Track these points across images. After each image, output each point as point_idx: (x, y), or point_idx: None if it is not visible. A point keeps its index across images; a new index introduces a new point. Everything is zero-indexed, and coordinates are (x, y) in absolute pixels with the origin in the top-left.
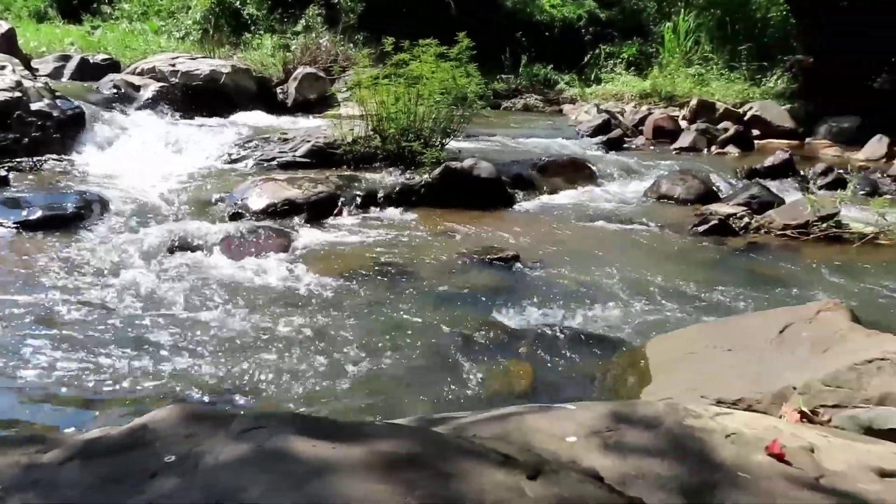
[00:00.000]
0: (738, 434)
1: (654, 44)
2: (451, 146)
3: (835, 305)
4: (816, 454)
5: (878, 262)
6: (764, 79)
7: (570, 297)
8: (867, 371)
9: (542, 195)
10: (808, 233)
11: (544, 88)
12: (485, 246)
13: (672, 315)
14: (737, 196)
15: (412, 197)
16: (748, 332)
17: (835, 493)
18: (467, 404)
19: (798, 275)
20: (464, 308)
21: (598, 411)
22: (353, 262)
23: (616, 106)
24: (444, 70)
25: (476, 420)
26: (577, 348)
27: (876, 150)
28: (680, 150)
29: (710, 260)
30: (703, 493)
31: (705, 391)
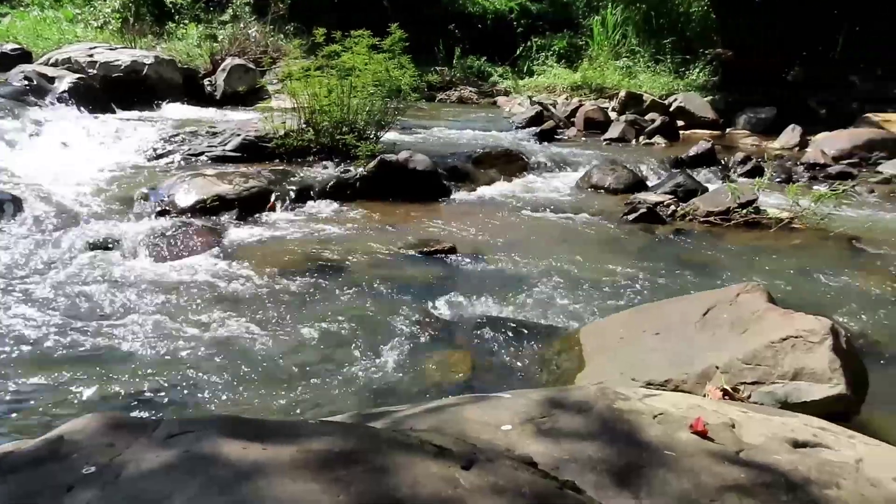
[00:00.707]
0: (664, 414)
1: (583, 37)
2: (386, 139)
3: (753, 288)
4: (737, 429)
5: (792, 246)
6: (687, 71)
7: (506, 287)
8: (782, 349)
9: (477, 187)
10: (730, 219)
11: (478, 81)
12: (421, 238)
13: (605, 301)
14: (663, 185)
15: (347, 191)
16: (675, 315)
17: (753, 466)
18: (405, 397)
19: (720, 259)
20: (401, 301)
21: (533, 398)
22: (287, 257)
23: (548, 98)
24: (377, 62)
25: (412, 413)
26: (513, 337)
27: (790, 139)
28: (610, 140)
29: (639, 247)
30: (631, 473)
31: (636, 374)
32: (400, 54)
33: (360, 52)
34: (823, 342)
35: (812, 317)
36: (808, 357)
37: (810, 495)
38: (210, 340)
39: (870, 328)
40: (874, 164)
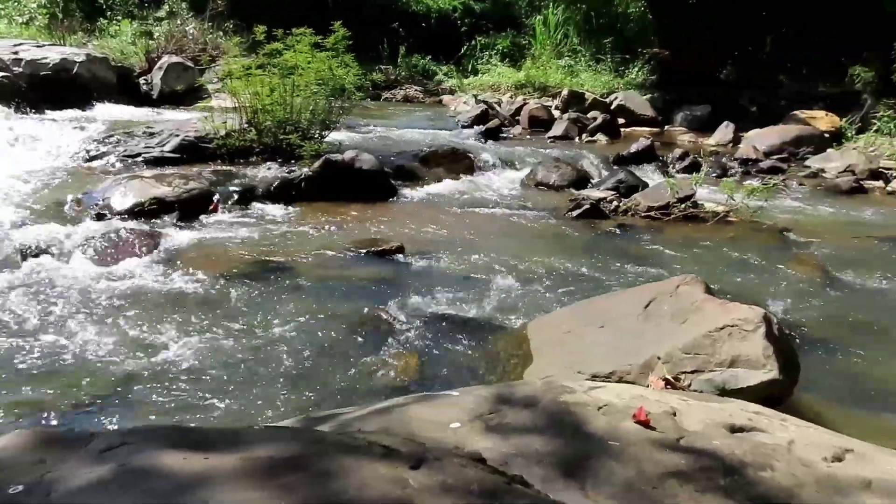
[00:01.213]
0: (609, 405)
1: (526, 36)
2: (331, 138)
3: (691, 279)
4: (677, 417)
5: (728, 238)
6: (627, 70)
7: (454, 285)
8: (719, 337)
9: (424, 185)
10: (669, 213)
11: (424, 79)
12: (368, 238)
13: (551, 296)
14: (606, 181)
15: (292, 191)
16: (618, 308)
17: (692, 452)
18: (354, 399)
19: (661, 252)
20: (348, 302)
21: (481, 395)
22: (230, 260)
23: (493, 97)
24: (320, 60)
25: (360, 415)
26: (462, 334)
27: (724, 135)
28: (554, 138)
29: (584, 242)
30: (578, 464)
31: (581, 367)
32: (343, 53)
33: (302, 51)
34: (757, 330)
35: (746, 306)
36: (744, 345)
37: (746, 478)
38: (150, 348)
39: (800, 315)
40: (802, 158)
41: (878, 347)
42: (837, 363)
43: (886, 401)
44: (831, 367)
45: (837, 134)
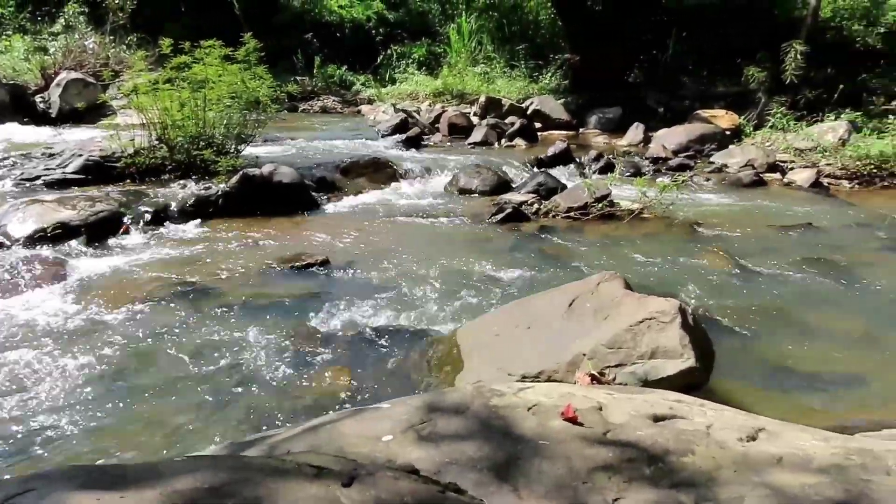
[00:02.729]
0: (538, 405)
1: (441, 44)
2: (247, 152)
3: (611, 276)
4: (604, 411)
5: (643, 234)
6: (540, 76)
7: (382, 295)
8: (639, 331)
9: (347, 196)
10: (588, 213)
11: (341, 90)
12: (292, 253)
13: (479, 301)
14: (526, 185)
15: (209, 208)
16: (544, 308)
17: (618, 444)
18: (284, 420)
19: (582, 251)
20: (274, 319)
21: (412, 405)
22: (145, 284)
23: (412, 105)
24: (231, 73)
25: (289, 436)
26: (393, 345)
27: (635, 136)
28: (474, 144)
29: (508, 245)
30: (509, 466)
31: (511, 369)
32: (256, 64)
33: (212, 63)
34: (674, 321)
35: (663, 299)
36: (662, 336)
37: (669, 464)
38: (61, 384)
39: (712, 304)
40: (707, 155)
41: (783, 330)
42: (748, 347)
43: (793, 379)
44: (743, 352)
45: (737, 131)
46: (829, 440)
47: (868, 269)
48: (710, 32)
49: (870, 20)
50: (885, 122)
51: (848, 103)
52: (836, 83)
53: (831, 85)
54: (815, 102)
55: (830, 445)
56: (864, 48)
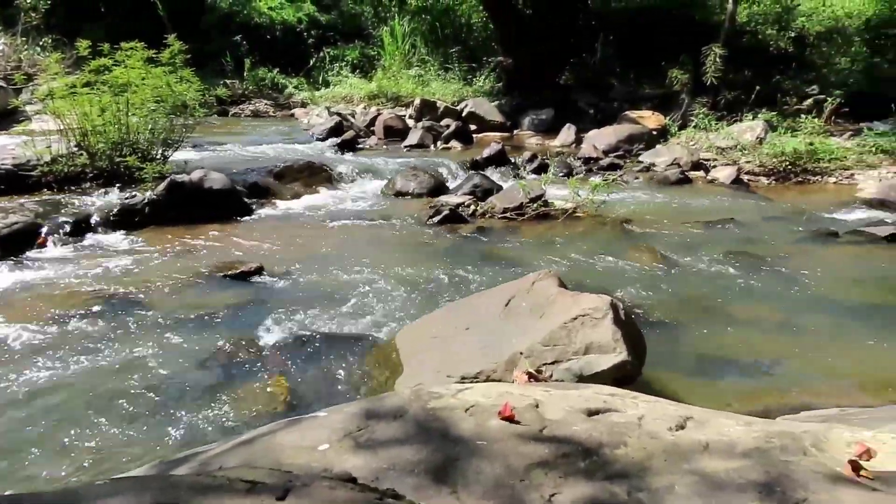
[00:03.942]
0: (476, 405)
1: (375, 47)
2: (175, 158)
3: (545, 275)
4: (540, 408)
5: (577, 233)
6: (474, 78)
7: (320, 302)
8: (574, 327)
9: (281, 202)
10: (524, 213)
11: (273, 93)
12: (225, 261)
13: (418, 303)
14: (463, 187)
15: (135, 217)
16: (481, 309)
17: (554, 440)
18: (219, 434)
19: (518, 251)
20: (207, 331)
21: (350, 412)
22: (66, 299)
23: (346, 108)
24: (155, 76)
25: (222, 450)
26: (332, 352)
27: (567, 137)
28: (410, 147)
29: (446, 247)
30: (448, 469)
31: (450, 371)
32: (182, 67)
33: (134, 66)
34: (606, 317)
35: (595, 295)
36: (595, 332)
37: (603, 457)
38: None
39: (643, 298)
40: (636, 154)
41: (709, 320)
42: (678, 339)
43: (720, 367)
44: (673, 343)
45: (663, 131)
46: (751, 425)
47: (785, 260)
48: (636, 36)
49: (782, 25)
50: (798, 122)
51: (764, 104)
52: (753, 85)
53: (748, 86)
54: (734, 103)
55: (752, 430)
56: (778, 51)
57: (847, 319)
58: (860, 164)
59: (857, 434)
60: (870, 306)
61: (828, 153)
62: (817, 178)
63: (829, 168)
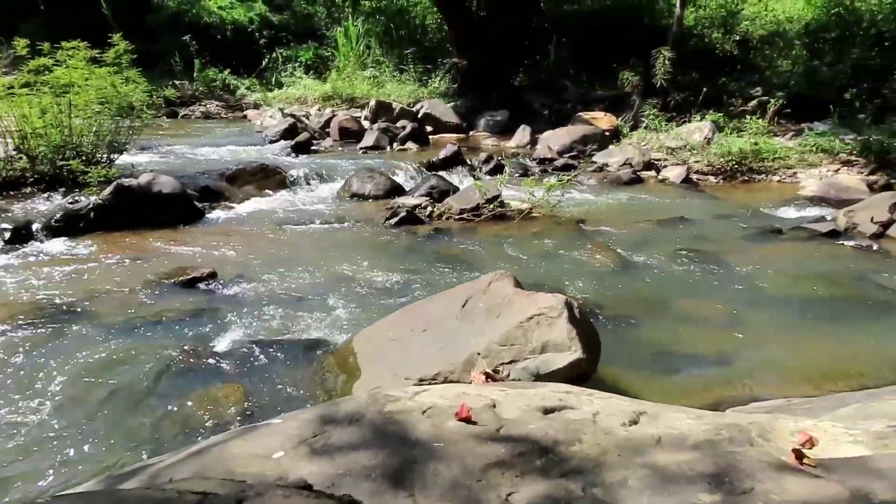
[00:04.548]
0: (433, 407)
1: (329, 48)
2: (122, 162)
3: (501, 275)
4: (497, 408)
5: (533, 232)
6: (430, 80)
7: (275, 306)
8: (530, 327)
9: (234, 205)
10: (480, 214)
11: (224, 94)
12: (176, 267)
13: (376, 306)
14: (419, 188)
15: (80, 223)
16: (438, 310)
17: (511, 440)
18: (170, 445)
19: (475, 251)
20: (158, 338)
21: (305, 418)
22: (6, 309)
23: (301, 109)
24: (99, 77)
25: (172, 462)
26: (288, 357)
27: (522, 138)
28: (366, 149)
29: (403, 249)
30: (405, 472)
31: (408, 373)
32: (128, 67)
33: (77, 66)
34: (561, 316)
35: (550, 295)
36: (551, 331)
37: (559, 455)
38: None
39: (597, 296)
40: (589, 155)
41: (661, 316)
42: (632, 335)
43: (672, 362)
44: (627, 340)
45: (616, 131)
46: (701, 418)
47: (732, 255)
48: (588, 39)
49: (727, 29)
50: (743, 122)
51: (711, 105)
52: (701, 86)
53: (696, 88)
54: (683, 104)
55: (703, 423)
56: (723, 54)
57: (791, 313)
58: (802, 163)
59: (801, 423)
60: (812, 300)
61: (772, 153)
62: (762, 177)
63: (773, 167)
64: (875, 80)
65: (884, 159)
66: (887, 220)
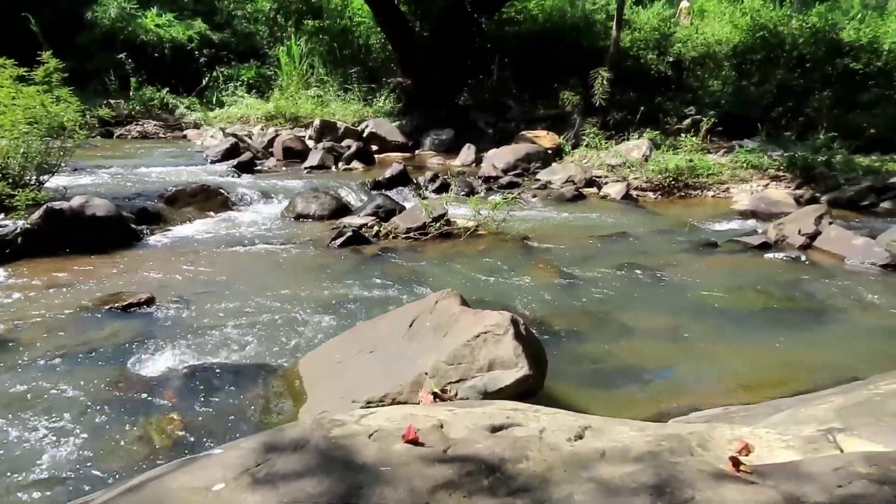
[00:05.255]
0: (379, 430)
1: (271, 67)
2: (53, 184)
3: (448, 294)
4: (445, 428)
5: (480, 250)
6: (374, 99)
7: (217, 332)
8: (476, 345)
9: (173, 227)
10: (427, 233)
11: (163, 113)
12: (111, 293)
13: (322, 328)
14: (365, 207)
15: (6, 249)
16: (385, 331)
17: (458, 460)
18: (106, 481)
19: (423, 270)
20: (92, 368)
21: (247, 447)
22: None
23: (243, 129)
24: (28, 96)
25: (106, 500)
26: (231, 384)
27: (468, 156)
28: (311, 168)
29: (350, 269)
30: (351, 497)
31: (355, 396)
32: (58, 86)
33: (2, 85)
34: (507, 333)
35: (497, 312)
36: (498, 348)
37: (506, 473)
38: None
39: (543, 312)
40: (533, 173)
41: (605, 331)
42: (577, 350)
43: (617, 375)
44: (573, 355)
45: (558, 149)
46: (644, 430)
47: (672, 269)
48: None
49: (661, 50)
50: (679, 140)
51: (648, 123)
52: (638, 106)
53: (634, 107)
54: (622, 123)
55: (645, 435)
56: (658, 75)
57: (728, 323)
58: (734, 178)
59: (738, 431)
60: (747, 310)
61: (706, 169)
62: (698, 192)
63: (708, 183)
64: (798, 99)
65: (808, 174)
66: (813, 231)
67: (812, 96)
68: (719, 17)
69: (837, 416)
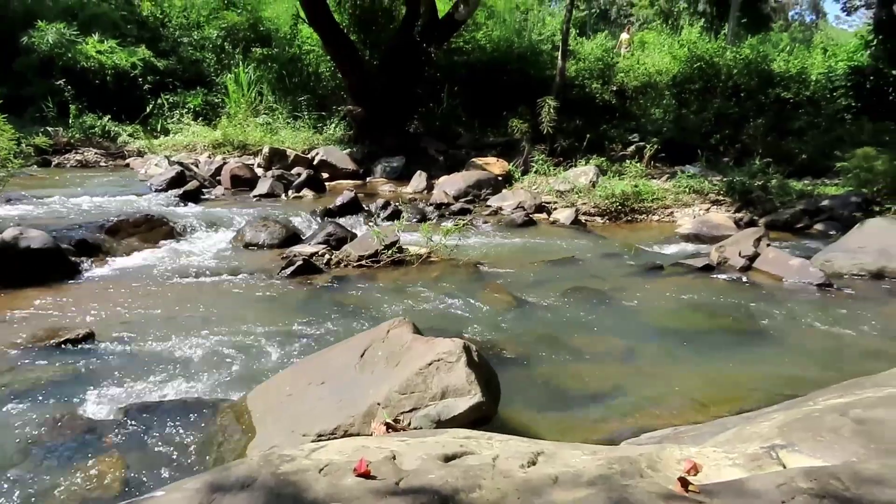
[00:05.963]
0: (330, 464)
1: (219, 94)
2: None
3: (399, 322)
4: (397, 459)
5: (432, 277)
6: (325, 126)
7: (161, 367)
8: (429, 373)
9: (115, 259)
10: (379, 260)
11: (105, 141)
12: (47, 329)
13: (271, 361)
14: (316, 236)
15: None
16: (336, 361)
17: (410, 491)
18: None
19: (375, 299)
20: (25, 409)
21: (192, 488)
22: None
23: (189, 157)
24: None
25: None
26: (175, 421)
27: (419, 183)
28: (260, 196)
29: (300, 299)
30: None
31: (306, 429)
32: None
33: None
34: (459, 360)
35: (449, 340)
36: (450, 376)
37: (459, 503)
38: None
39: (496, 338)
40: (484, 199)
41: (557, 355)
42: (530, 375)
43: (569, 399)
44: (526, 380)
45: (508, 176)
46: (596, 453)
47: (620, 292)
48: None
49: (605, 80)
50: (624, 166)
51: (595, 150)
52: (584, 133)
53: (580, 134)
54: (569, 150)
55: (597, 458)
56: (603, 103)
57: (675, 344)
58: (677, 203)
59: (686, 451)
60: (693, 331)
61: (650, 194)
62: (643, 217)
63: (653, 207)
64: (735, 127)
65: (746, 198)
66: (752, 253)
67: (747, 124)
68: (659, 49)
69: (780, 433)
